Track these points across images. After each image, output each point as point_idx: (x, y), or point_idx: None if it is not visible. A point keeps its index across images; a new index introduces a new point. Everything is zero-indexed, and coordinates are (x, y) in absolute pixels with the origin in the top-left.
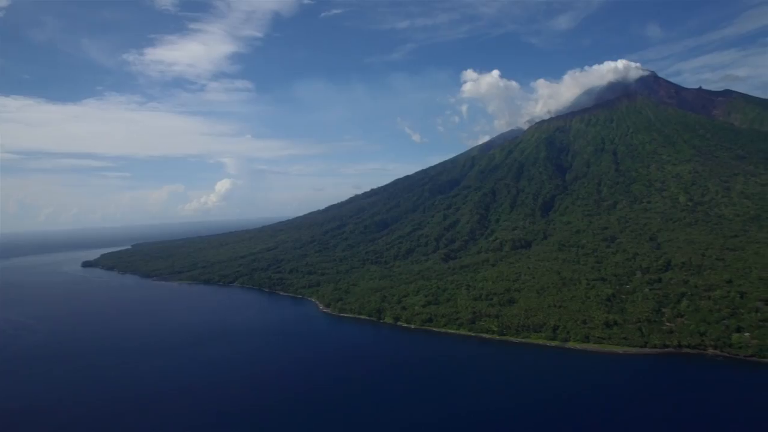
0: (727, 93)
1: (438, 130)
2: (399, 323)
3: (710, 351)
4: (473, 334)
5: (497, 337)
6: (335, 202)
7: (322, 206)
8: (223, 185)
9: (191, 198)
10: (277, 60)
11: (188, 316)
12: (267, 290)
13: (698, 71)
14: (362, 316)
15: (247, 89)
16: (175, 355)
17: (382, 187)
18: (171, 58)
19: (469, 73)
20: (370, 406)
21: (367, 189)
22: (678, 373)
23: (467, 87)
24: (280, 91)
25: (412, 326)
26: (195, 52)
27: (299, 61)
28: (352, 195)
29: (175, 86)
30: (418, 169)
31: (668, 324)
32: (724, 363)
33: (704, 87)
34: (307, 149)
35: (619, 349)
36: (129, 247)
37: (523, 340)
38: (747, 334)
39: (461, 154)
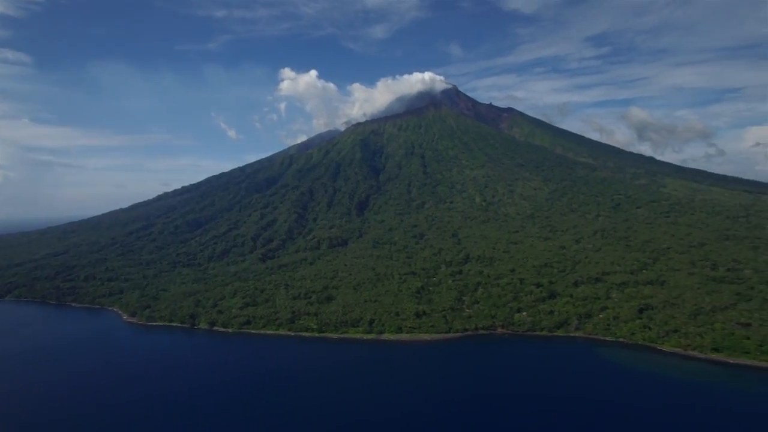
0: (510, 110)
1: (255, 127)
2: (215, 328)
3: (499, 330)
4: (293, 334)
5: (317, 335)
6: (141, 200)
7: (125, 205)
8: None
9: None
10: (65, 33)
11: None
12: (54, 302)
13: (489, 89)
14: (174, 324)
15: (22, 63)
16: None
17: (195, 184)
18: None
19: (287, 72)
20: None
21: (178, 186)
22: (473, 351)
23: (285, 85)
24: (70, 70)
25: (230, 330)
26: None
27: (95, 37)
28: (161, 192)
29: None
30: (235, 166)
31: (467, 310)
32: (508, 339)
33: (494, 103)
34: (107, 140)
35: (428, 336)
36: None
37: (342, 336)
38: (524, 313)
39: (279, 153)
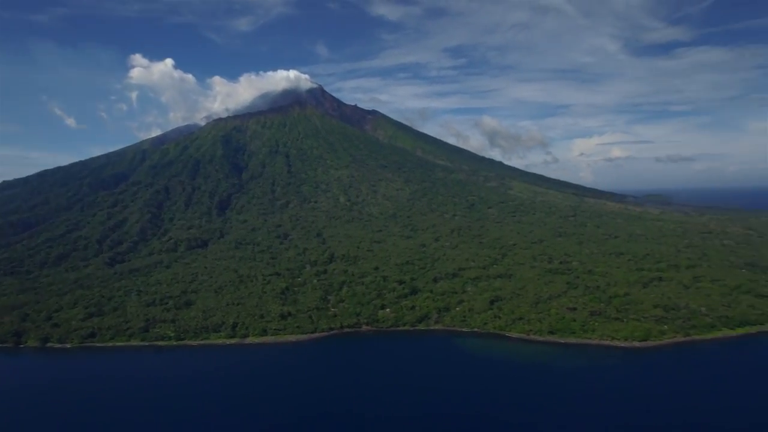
0: (375, 112)
1: (101, 117)
2: (50, 344)
3: (364, 328)
4: (147, 343)
5: (174, 343)
6: None
7: None
8: None
9: None
10: None
11: None
12: None
13: (354, 91)
14: None
15: None
16: None
17: (22, 178)
18: None
19: (138, 58)
20: None
21: None
22: (339, 350)
23: (136, 73)
24: None
25: (69, 345)
26: None
27: None
28: None
29: None
30: (75, 159)
31: (333, 309)
32: (372, 335)
33: (359, 105)
34: None
35: (293, 338)
36: None
37: (203, 342)
38: (388, 309)
39: (130, 147)
